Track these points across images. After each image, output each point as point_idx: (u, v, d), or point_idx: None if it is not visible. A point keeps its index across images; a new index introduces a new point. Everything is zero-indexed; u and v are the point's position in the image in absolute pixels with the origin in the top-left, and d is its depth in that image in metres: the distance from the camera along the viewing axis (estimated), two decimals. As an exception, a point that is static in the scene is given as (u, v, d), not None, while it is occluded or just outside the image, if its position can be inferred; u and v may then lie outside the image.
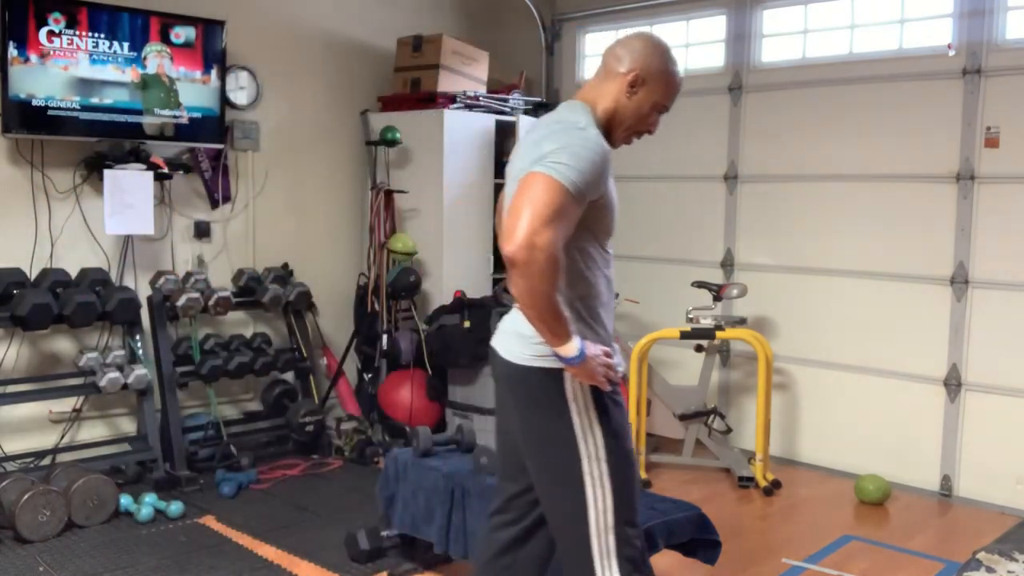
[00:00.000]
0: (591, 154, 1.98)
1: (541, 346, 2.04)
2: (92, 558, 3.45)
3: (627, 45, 2.17)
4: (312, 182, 5.36)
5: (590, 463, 2.08)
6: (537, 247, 1.86)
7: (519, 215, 1.89)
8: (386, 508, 3.43)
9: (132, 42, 4.35)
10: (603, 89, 2.16)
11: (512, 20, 5.99)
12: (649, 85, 2.14)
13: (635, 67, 2.13)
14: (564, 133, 2.03)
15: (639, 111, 2.16)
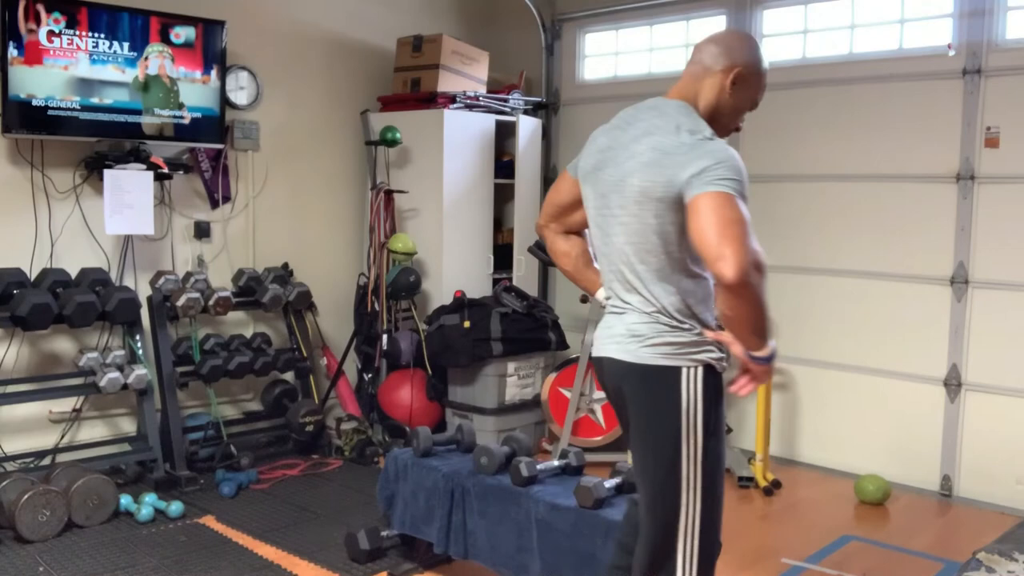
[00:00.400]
0: (740, 163, 2.03)
1: (660, 345, 2.10)
2: (92, 558, 3.45)
3: (725, 42, 2.18)
4: (312, 182, 5.36)
5: (688, 464, 2.12)
6: (753, 270, 1.92)
7: (726, 239, 1.92)
8: (386, 508, 3.43)
9: (132, 42, 4.35)
10: (701, 86, 2.17)
11: (512, 20, 5.99)
12: (748, 82, 2.17)
13: (737, 64, 2.15)
14: (706, 145, 2.03)
15: (737, 107, 2.21)
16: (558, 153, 6.01)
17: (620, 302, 2.19)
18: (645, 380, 2.12)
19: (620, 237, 2.14)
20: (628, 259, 2.13)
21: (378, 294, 5.08)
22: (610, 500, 2.86)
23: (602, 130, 2.29)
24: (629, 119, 2.22)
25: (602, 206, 2.19)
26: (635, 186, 2.08)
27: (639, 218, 2.08)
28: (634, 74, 5.67)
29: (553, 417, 4.90)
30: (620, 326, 2.18)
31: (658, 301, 2.11)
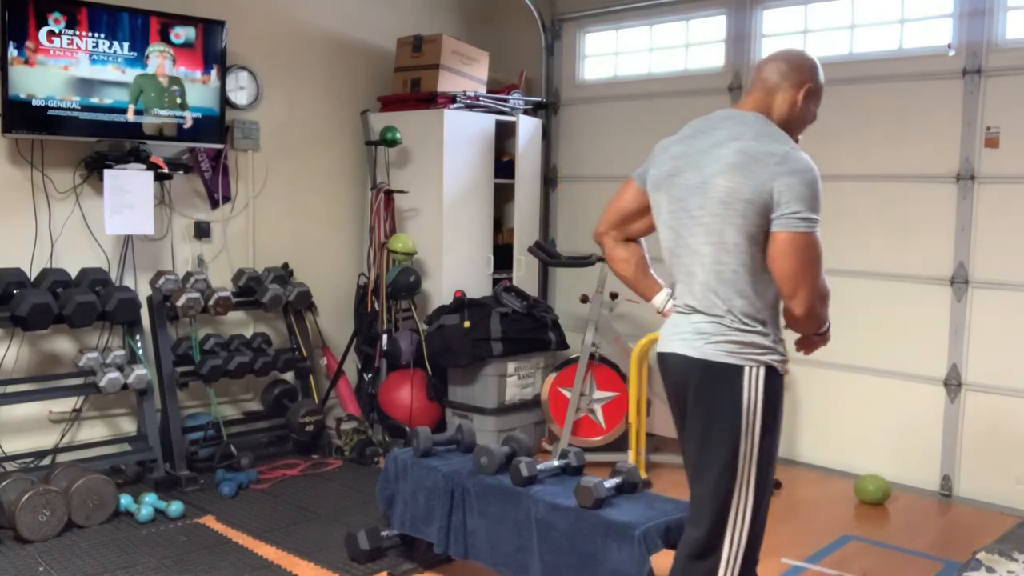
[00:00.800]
0: (818, 178, 2.19)
1: (725, 343, 2.23)
2: (92, 558, 3.45)
3: (793, 61, 2.35)
4: (312, 182, 5.36)
5: (744, 460, 2.23)
6: (819, 303, 2.22)
7: (802, 281, 2.18)
8: (386, 508, 3.43)
9: (132, 42, 4.35)
10: (774, 100, 2.33)
11: (512, 20, 5.99)
12: (815, 97, 2.37)
13: (807, 81, 2.33)
14: (794, 160, 2.18)
15: (804, 120, 2.37)
16: (558, 153, 6.01)
17: (689, 301, 2.31)
18: (709, 376, 2.24)
19: (698, 238, 2.26)
20: (704, 260, 2.25)
21: (378, 294, 5.08)
22: (610, 500, 2.86)
23: (673, 140, 2.40)
24: (705, 127, 2.34)
25: (678, 209, 2.30)
26: (721, 187, 2.19)
27: (722, 218, 2.20)
28: (634, 74, 5.67)
29: (553, 417, 4.90)
30: (687, 324, 2.31)
31: (728, 301, 2.23)
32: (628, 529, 2.68)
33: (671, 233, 2.35)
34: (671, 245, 2.37)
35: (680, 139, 2.37)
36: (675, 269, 2.39)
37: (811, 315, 2.21)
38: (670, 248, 2.38)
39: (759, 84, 2.35)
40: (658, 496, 3.02)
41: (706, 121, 2.36)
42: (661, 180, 2.36)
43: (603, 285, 4.74)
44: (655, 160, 2.41)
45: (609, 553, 2.71)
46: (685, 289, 2.33)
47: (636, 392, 4.50)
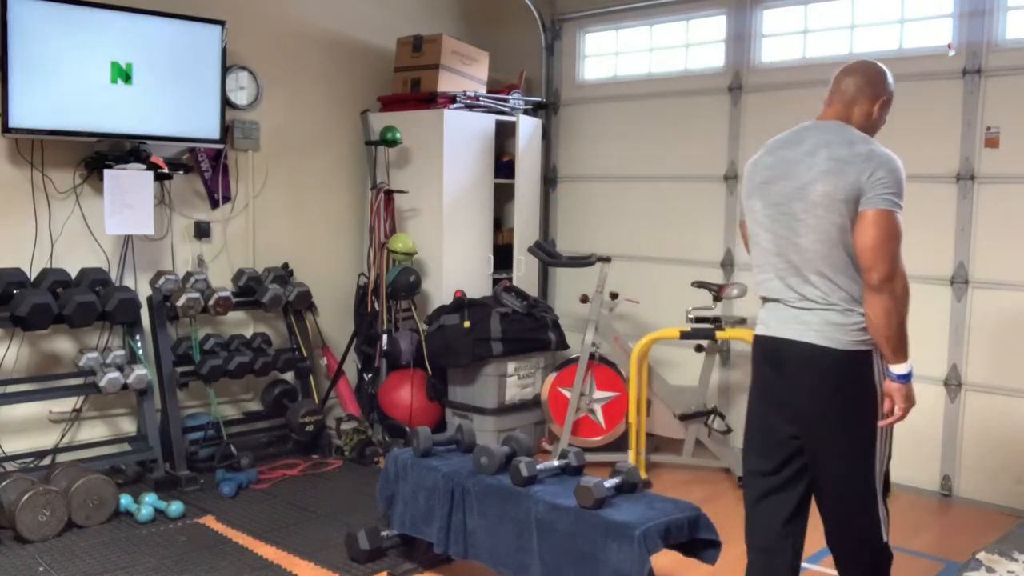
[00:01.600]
0: (902, 171, 2.42)
1: (857, 332, 2.42)
2: (92, 558, 3.45)
3: (869, 74, 2.58)
4: (312, 182, 5.36)
5: (879, 441, 2.48)
6: (896, 281, 2.37)
7: (882, 252, 2.37)
8: (386, 508, 3.43)
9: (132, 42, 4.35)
10: (852, 112, 2.57)
11: (512, 20, 5.99)
12: (888, 106, 2.60)
13: (883, 93, 2.57)
14: (878, 154, 2.42)
15: (877, 127, 2.61)
16: (558, 153, 6.01)
17: (796, 294, 2.52)
18: (848, 363, 2.44)
19: (807, 237, 2.46)
20: (813, 256, 2.46)
21: (378, 294, 5.08)
22: (610, 500, 2.86)
23: (760, 154, 2.66)
24: (791, 139, 2.61)
25: (777, 213, 2.53)
26: (819, 191, 2.43)
27: (826, 219, 2.42)
28: (634, 74, 5.67)
29: (553, 417, 4.90)
30: (811, 316, 2.49)
31: (847, 290, 2.44)
32: (628, 529, 2.68)
33: (769, 234, 2.56)
34: (770, 245, 2.57)
35: (768, 152, 2.64)
36: (775, 265, 2.57)
37: (885, 287, 2.35)
38: (768, 248, 2.57)
39: (838, 96, 2.59)
40: (658, 496, 3.02)
41: (792, 134, 2.63)
42: (755, 188, 2.60)
43: (603, 285, 4.74)
44: (747, 176, 2.67)
45: (609, 553, 2.71)
46: (798, 282, 2.51)
47: (636, 392, 4.50)
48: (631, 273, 5.41)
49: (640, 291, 5.27)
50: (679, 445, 4.80)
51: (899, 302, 2.37)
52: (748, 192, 2.64)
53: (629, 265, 5.44)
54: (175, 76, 4.53)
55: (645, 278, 5.45)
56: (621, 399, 4.78)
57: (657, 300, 5.32)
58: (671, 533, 2.75)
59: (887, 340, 2.38)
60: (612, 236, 5.65)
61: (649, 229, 5.52)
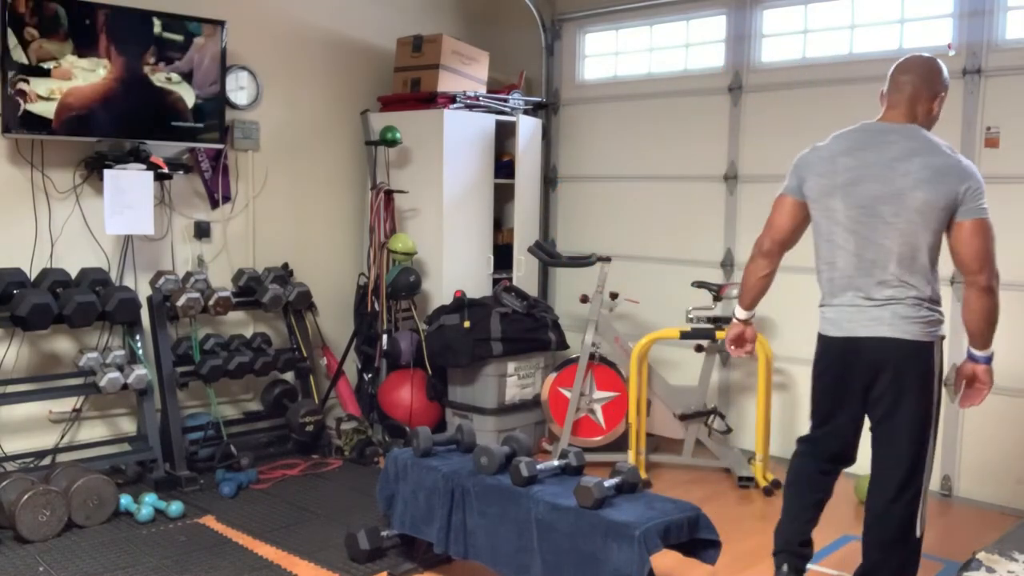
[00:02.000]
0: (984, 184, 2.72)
1: (925, 325, 2.75)
2: (92, 558, 3.45)
3: (927, 69, 2.81)
4: (312, 182, 5.36)
5: (934, 424, 2.80)
6: (996, 281, 2.78)
7: (987, 258, 2.77)
8: (386, 508, 3.43)
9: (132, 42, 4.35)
10: (916, 111, 2.77)
11: (512, 20, 5.99)
12: (944, 101, 2.83)
13: (942, 90, 2.82)
14: (966, 165, 2.70)
15: (935, 123, 2.83)
16: (558, 153, 6.01)
17: (867, 293, 2.75)
18: (914, 352, 2.73)
19: (893, 240, 2.69)
20: (893, 257, 2.71)
21: (378, 294, 5.08)
22: (610, 500, 2.86)
23: (832, 151, 2.84)
24: (873, 142, 2.78)
25: (861, 215, 2.72)
26: (919, 199, 2.65)
27: (920, 224, 2.67)
28: (634, 74, 5.68)
29: (553, 417, 4.90)
30: (884, 312, 2.74)
31: (919, 289, 2.73)
32: (628, 529, 2.68)
33: (850, 235, 2.75)
34: (850, 245, 2.76)
35: (844, 152, 2.79)
36: (852, 264, 2.77)
37: (991, 289, 2.73)
38: (847, 247, 2.77)
39: (899, 95, 2.77)
40: (658, 496, 3.02)
41: (867, 135, 2.80)
42: (836, 188, 2.76)
43: (603, 285, 4.74)
44: (812, 171, 2.83)
45: (609, 553, 2.71)
46: (871, 282, 2.74)
47: (636, 392, 4.50)
48: (631, 273, 5.41)
49: (640, 291, 5.27)
50: (679, 445, 4.80)
51: (997, 298, 2.76)
52: (826, 190, 2.78)
53: (629, 265, 5.44)
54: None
55: (645, 278, 5.45)
56: (621, 399, 4.78)
57: (657, 300, 5.32)
58: (671, 533, 2.75)
59: (988, 330, 2.76)
60: (612, 236, 5.65)
61: (649, 229, 5.52)
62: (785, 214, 2.93)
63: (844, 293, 2.81)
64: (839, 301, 2.84)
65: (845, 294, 2.81)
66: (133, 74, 4.37)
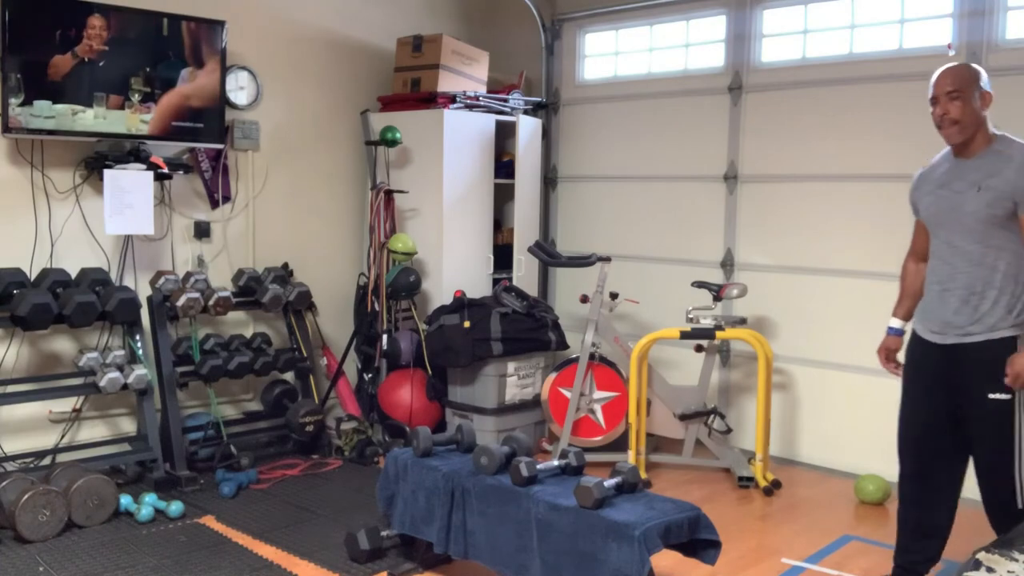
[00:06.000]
0: None
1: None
2: (92, 558, 3.45)
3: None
4: (312, 182, 5.36)
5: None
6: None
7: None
8: (386, 508, 3.43)
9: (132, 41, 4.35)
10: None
11: (512, 20, 5.99)
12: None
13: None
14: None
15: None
16: (558, 153, 6.01)
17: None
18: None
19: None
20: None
21: (378, 294, 5.08)
22: (610, 500, 2.86)
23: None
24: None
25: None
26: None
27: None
28: (634, 74, 5.67)
29: (553, 417, 4.90)
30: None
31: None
32: (628, 529, 2.68)
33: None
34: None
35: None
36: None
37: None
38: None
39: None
40: (658, 496, 3.02)
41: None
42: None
43: (603, 285, 4.74)
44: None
45: (609, 553, 2.71)
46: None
47: (636, 392, 4.50)
48: (631, 273, 5.41)
49: (640, 291, 5.27)
50: (679, 445, 4.80)
51: None
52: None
53: (629, 265, 5.44)
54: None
55: (645, 278, 5.45)
56: (621, 399, 4.78)
57: (657, 300, 5.32)
58: (671, 533, 2.75)
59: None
60: (612, 236, 5.65)
61: (649, 229, 5.52)
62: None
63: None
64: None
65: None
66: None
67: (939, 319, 2.99)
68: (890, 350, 3.28)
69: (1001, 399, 2.87)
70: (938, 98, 2.99)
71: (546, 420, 5.00)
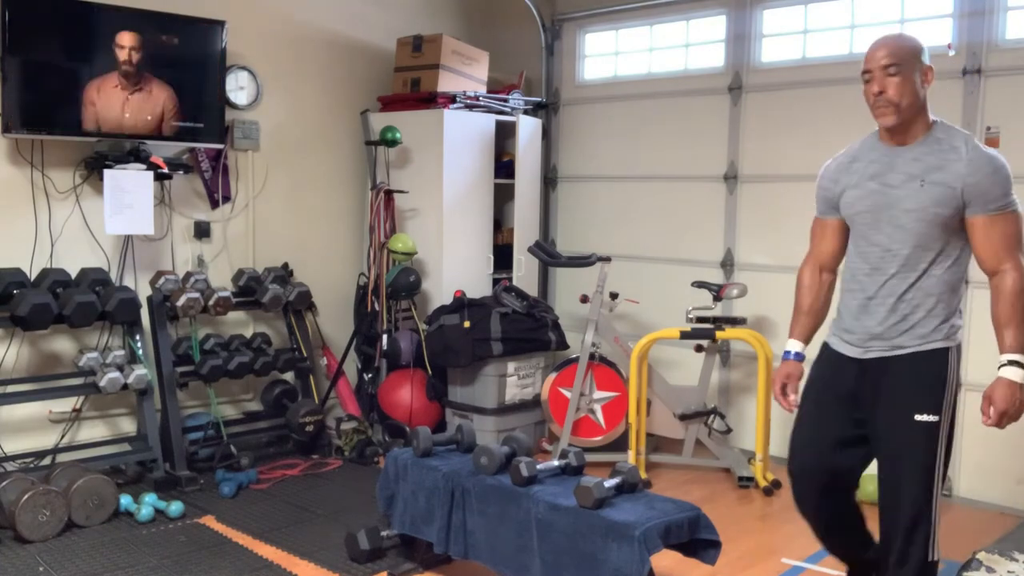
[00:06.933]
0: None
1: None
2: (92, 558, 3.45)
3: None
4: (312, 182, 5.36)
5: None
6: None
7: None
8: (386, 508, 3.43)
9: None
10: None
11: (512, 20, 5.99)
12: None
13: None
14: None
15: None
16: (558, 153, 6.01)
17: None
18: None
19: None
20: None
21: (378, 294, 5.08)
22: (610, 500, 2.86)
23: None
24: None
25: None
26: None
27: None
28: (634, 74, 5.67)
29: (553, 417, 4.90)
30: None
31: None
32: (628, 529, 2.68)
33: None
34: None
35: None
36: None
37: None
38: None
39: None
40: (658, 496, 3.02)
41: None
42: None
43: (603, 285, 4.74)
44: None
45: (609, 553, 2.71)
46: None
47: (636, 392, 4.50)
48: (631, 273, 5.41)
49: (640, 291, 5.27)
50: (679, 445, 4.80)
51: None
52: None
53: (629, 265, 5.44)
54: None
55: (645, 278, 5.45)
56: (621, 399, 4.78)
57: (657, 300, 5.32)
58: (671, 533, 2.75)
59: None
60: (612, 236, 5.65)
61: (649, 229, 5.52)
62: None
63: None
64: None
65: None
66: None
67: (862, 331, 2.60)
68: (791, 378, 2.76)
69: (927, 421, 2.50)
70: (873, 73, 2.60)
71: (546, 420, 5.00)
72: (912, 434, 2.50)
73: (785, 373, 2.75)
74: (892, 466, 2.55)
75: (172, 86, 4.48)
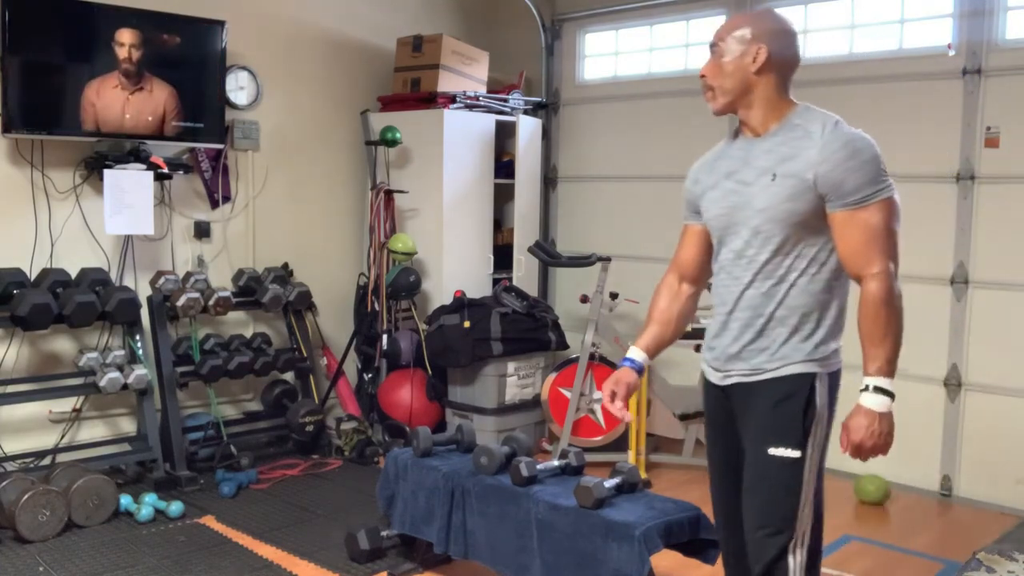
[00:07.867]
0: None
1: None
2: (92, 558, 3.45)
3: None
4: (312, 182, 5.36)
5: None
6: None
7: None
8: (386, 508, 3.43)
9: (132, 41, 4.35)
10: None
11: (512, 20, 5.99)
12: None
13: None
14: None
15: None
16: (558, 153, 6.01)
17: None
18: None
19: None
20: None
21: (378, 294, 5.08)
22: (610, 500, 2.86)
23: None
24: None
25: None
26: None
27: None
28: (634, 74, 5.67)
29: (553, 417, 4.90)
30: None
31: None
32: (628, 529, 2.68)
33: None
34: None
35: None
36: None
37: None
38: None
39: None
40: (658, 496, 3.02)
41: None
42: None
43: (603, 285, 4.74)
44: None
45: (609, 553, 2.71)
46: None
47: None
48: (631, 273, 5.40)
49: (640, 291, 5.25)
50: (679, 445, 4.80)
51: None
52: None
53: (629, 265, 5.43)
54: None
55: (645, 278, 5.42)
56: (621, 399, 4.77)
57: (657, 300, 5.31)
58: (671, 533, 2.75)
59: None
60: (612, 236, 5.64)
61: (649, 229, 5.52)
62: None
63: None
64: None
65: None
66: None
67: (720, 350, 2.26)
68: (619, 384, 2.31)
69: (784, 456, 2.12)
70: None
71: (546, 420, 5.00)
72: (765, 469, 2.13)
73: (614, 379, 2.32)
74: (746, 504, 2.20)
75: (172, 86, 4.49)
